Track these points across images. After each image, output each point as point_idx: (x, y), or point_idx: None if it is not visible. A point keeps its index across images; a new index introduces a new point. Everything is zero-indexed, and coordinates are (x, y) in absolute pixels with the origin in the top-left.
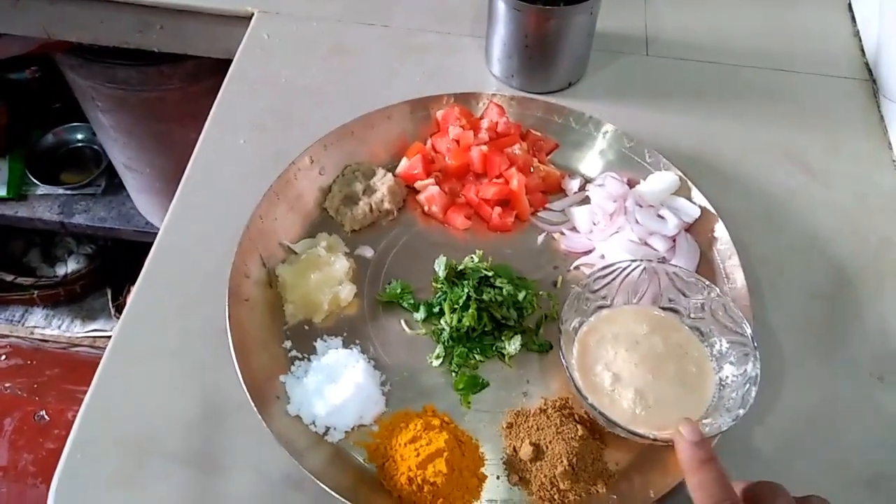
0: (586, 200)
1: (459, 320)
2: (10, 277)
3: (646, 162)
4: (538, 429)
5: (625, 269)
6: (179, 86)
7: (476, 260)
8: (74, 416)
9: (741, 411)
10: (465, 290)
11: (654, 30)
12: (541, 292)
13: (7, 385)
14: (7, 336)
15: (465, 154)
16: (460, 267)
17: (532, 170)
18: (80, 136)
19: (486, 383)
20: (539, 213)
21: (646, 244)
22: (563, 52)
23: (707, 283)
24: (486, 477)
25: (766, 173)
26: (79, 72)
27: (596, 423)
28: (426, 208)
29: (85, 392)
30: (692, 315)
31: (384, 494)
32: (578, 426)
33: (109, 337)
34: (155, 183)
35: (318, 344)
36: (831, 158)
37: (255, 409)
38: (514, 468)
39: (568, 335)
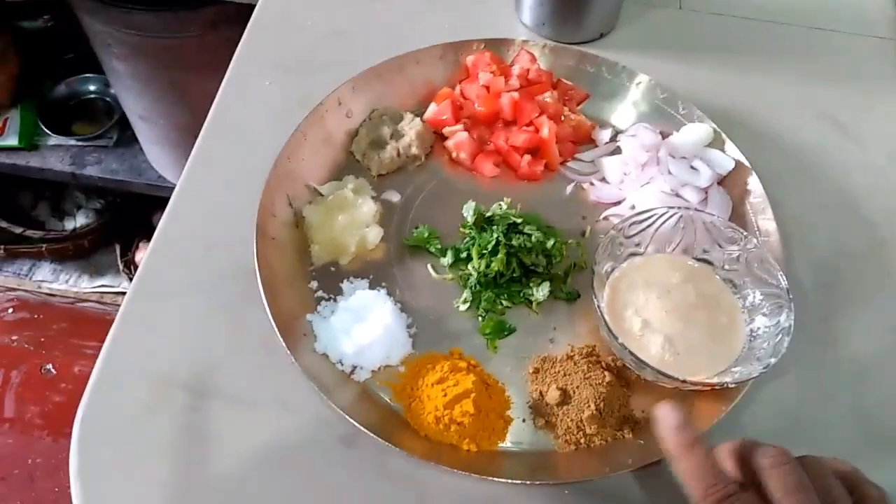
0: (617, 151)
1: (487, 265)
2: (18, 230)
3: (679, 114)
4: (565, 374)
5: (661, 216)
6: (198, 34)
7: (504, 207)
8: (81, 371)
9: (773, 360)
10: (495, 236)
11: None
12: (569, 241)
13: (14, 338)
14: (14, 289)
15: (494, 101)
16: (488, 213)
17: (563, 119)
18: (92, 88)
19: (512, 328)
20: (568, 163)
21: (677, 195)
22: (596, 2)
23: (744, 233)
24: (511, 419)
25: (798, 130)
26: (95, 16)
27: (623, 371)
28: (454, 154)
29: (92, 346)
30: (726, 266)
31: (410, 432)
32: (606, 372)
33: (117, 293)
34: (169, 134)
35: (345, 285)
36: (865, 118)
37: (284, 345)
38: (539, 412)
39: (600, 278)
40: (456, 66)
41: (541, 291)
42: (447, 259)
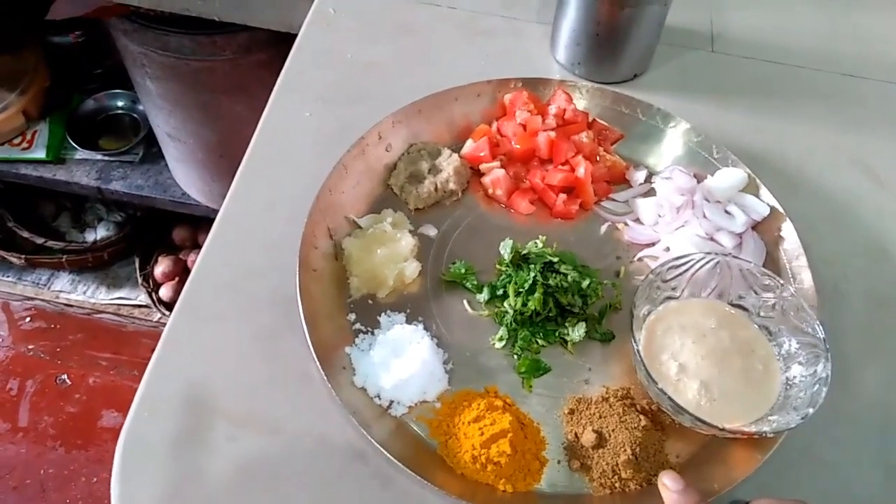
0: (650, 192)
1: (524, 304)
2: (40, 240)
3: (713, 157)
4: (600, 416)
5: (698, 261)
6: (231, 57)
7: (540, 245)
8: (95, 382)
9: (810, 410)
10: (532, 274)
11: (719, 26)
12: (605, 281)
13: (30, 347)
14: (33, 299)
15: (531, 139)
16: (524, 251)
17: (598, 159)
18: (120, 103)
19: (547, 368)
20: (602, 203)
21: (712, 240)
22: (632, 43)
23: (780, 281)
24: (546, 460)
25: (831, 177)
26: (131, 37)
27: (658, 415)
28: (490, 191)
29: (107, 358)
30: (761, 313)
31: (446, 470)
32: (641, 416)
33: (134, 305)
34: (196, 153)
35: (382, 318)
36: None
37: (324, 378)
38: (575, 454)
39: (638, 321)
40: (492, 103)
41: (577, 332)
42: (483, 296)
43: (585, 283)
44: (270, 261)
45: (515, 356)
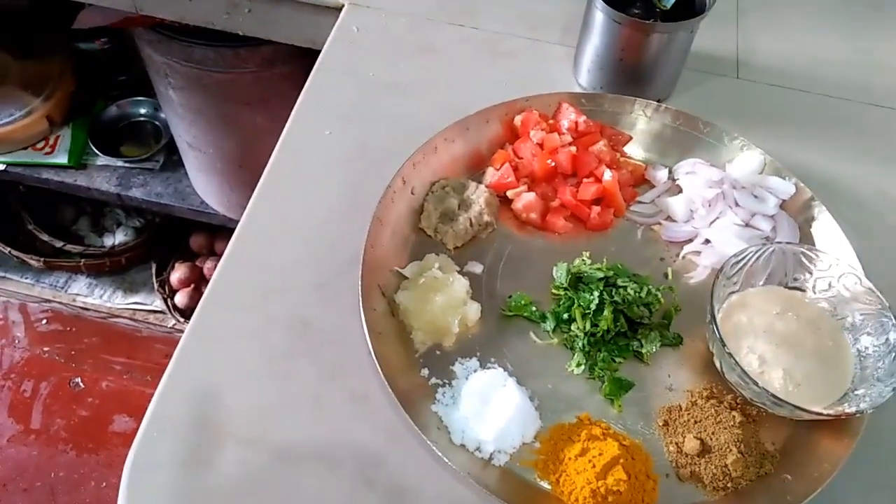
0: (674, 189)
1: (595, 325)
2: (59, 244)
3: (725, 144)
4: (695, 422)
5: (755, 252)
6: (254, 70)
7: (588, 262)
8: (108, 386)
9: None
10: (596, 294)
11: (745, 52)
12: (661, 286)
13: (45, 349)
14: (50, 301)
15: (552, 157)
16: (576, 271)
17: (619, 165)
18: (143, 111)
19: (631, 384)
20: (631, 207)
21: (748, 226)
22: (657, 69)
23: (836, 258)
24: (657, 477)
25: (853, 207)
26: (156, 47)
27: (745, 407)
28: (524, 216)
29: (121, 363)
30: (817, 292)
31: None
32: (733, 413)
33: (149, 311)
34: (216, 163)
35: (457, 368)
36: None
37: (429, 443)
38: (681, 464)
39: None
40: (500, 127)
41: (652, 343)
42: (549, 324)
43: (645, 293)
44: (286, 281)
45: (598, 379)
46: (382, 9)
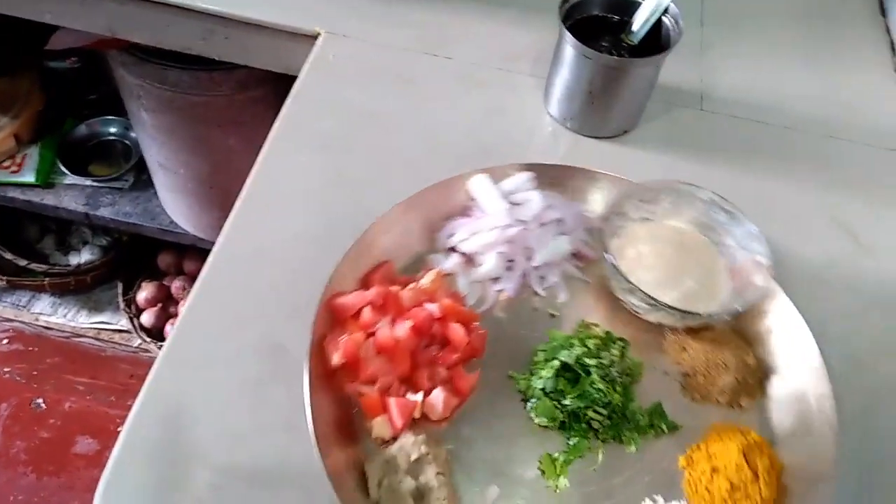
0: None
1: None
2: (23, 262)
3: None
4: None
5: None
6: (228, 93)
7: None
8: (71, 407)
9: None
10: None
11: (709, 85)
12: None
13: (6, 370)
14: (11, 320)
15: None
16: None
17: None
18: (112, 130)
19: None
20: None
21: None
22: (624, 101)
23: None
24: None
25: (812, 238)
26: (129, 69)
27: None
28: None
29: (84, 383)
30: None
31: None
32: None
33: (115, 330)
34: (188, 184)
35: None
36: (880, 230)
37: None
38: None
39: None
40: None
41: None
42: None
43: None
44: (259, 309)
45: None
46: (358, 38)
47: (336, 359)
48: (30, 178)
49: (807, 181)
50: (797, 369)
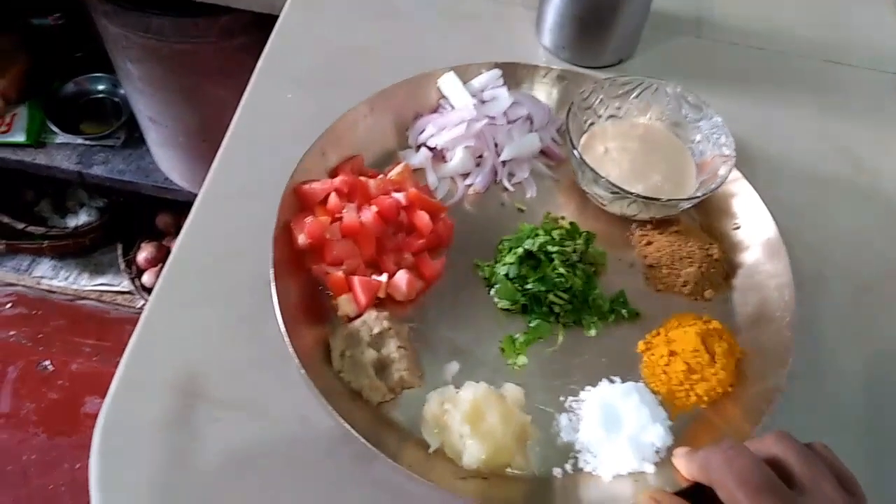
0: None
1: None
2: (21, 225)
3: None
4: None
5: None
6: (213, 40)
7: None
8: (77, 369)
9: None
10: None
11: (706, 11)
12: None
13: (11, 333)
14: (14, 285)
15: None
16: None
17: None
18: (101, 87)
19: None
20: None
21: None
22: (617, 27)
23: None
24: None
25: (814, 164)
26: (112, 19)
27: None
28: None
29: (90, 345)
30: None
31: None
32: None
33: (117, 292)
34: (178, 137)
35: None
36: (881, 154)
37: None
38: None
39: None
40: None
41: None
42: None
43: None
44: (249, 244)
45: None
46: None
47: (301, 239)
48: (20, 137)
49: (807, 107)
50: (762, 262)
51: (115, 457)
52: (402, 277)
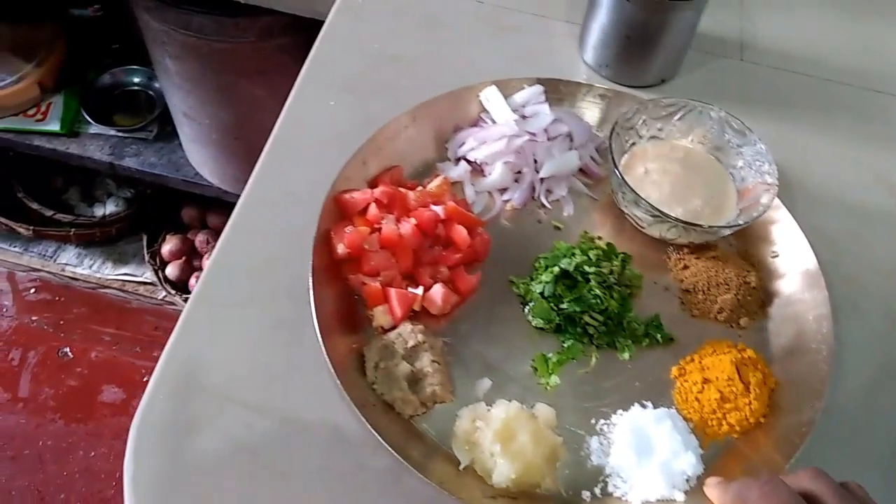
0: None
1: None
2: (49, 213)
3: None
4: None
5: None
6: (252, 40)
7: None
8: (97, 357)
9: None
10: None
11: (749, 35)
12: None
13: (34, 318)
14: (38, 270)
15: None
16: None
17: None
18: (136, 80)
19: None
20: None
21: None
22: (663, 47)
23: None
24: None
25: (854, 193)
26: (154, 14)
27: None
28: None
29: (110, 334)
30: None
31: None
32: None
33: (139, 282)
34: (211, 134)
35: None
36: None
37: None
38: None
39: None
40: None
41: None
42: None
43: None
44: (289, 249)
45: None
46: None
47: (341, 249)
48: (55, 126)
49: (848, 135)
50: (799, 292)
51: (148, 456)
52: (437, 291)
